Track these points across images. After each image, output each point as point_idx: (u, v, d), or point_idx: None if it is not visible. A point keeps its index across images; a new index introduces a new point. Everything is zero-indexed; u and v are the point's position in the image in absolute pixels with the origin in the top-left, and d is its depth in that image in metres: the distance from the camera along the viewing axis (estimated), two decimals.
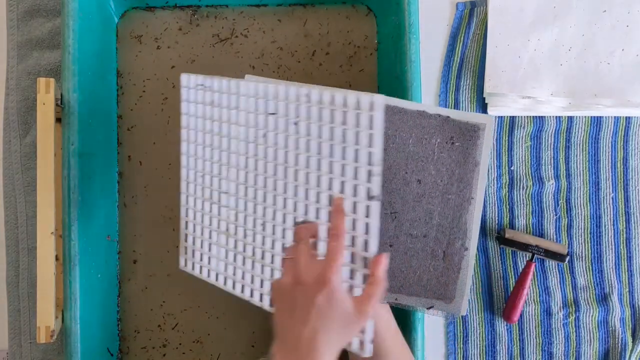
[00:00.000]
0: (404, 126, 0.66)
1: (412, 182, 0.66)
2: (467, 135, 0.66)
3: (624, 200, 0.82)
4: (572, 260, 0.81)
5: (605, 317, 0.81)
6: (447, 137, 0.66)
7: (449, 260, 0.67)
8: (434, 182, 0.66)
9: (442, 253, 0.67)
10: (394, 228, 0.67)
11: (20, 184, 0.80)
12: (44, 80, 0.67)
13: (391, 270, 0.67)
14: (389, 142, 0.66)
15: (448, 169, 0.66)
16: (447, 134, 0.66)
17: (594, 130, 0.83)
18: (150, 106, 0.82)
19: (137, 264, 0.81)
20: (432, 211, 0.67)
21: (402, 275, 0.68)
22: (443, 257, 0.67)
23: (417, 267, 0.68)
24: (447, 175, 0.66)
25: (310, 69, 0.82)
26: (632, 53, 0.81)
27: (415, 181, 0.66)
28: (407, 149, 0.66)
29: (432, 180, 0.66)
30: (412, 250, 0.67)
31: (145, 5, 0.82)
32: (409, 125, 0.66)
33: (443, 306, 0.68)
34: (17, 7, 0.83)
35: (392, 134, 0.66)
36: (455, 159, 0.66)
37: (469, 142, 0.66)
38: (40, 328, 0.66)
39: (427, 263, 0.67)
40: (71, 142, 0.71)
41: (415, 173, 0.66)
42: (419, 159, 0.66)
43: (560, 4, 0.82)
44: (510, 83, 0.81)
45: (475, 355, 0.81)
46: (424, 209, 0.67)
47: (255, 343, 0.80)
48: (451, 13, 0.85)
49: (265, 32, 0.83)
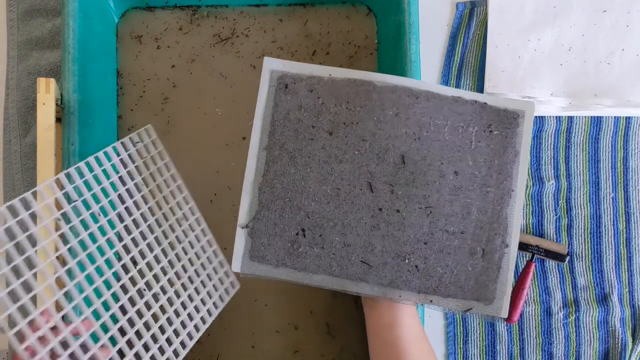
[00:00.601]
0: (439, 114, 0.61)
1: (448, 173, 0.61)
2: (506, 122, 0.61)
3: (624, 200, 0.82)
4: (572, 260, 0.81)
5: (605, 317, 0.81)
6: (484, 125, 0.61)
7: (488, 259, 0.62)
8: (471, 174, 0.61)
9: (481, 251, 0.62)
10: (428, 224, 0.61)
11: (20, 184, 0.80)
12: (44, 80, 0.67)
13: (426, 270, 0.62)
14: (422, 130, 0.61)
15: (486, 160, 0.61)
16: (484, 122, 0.61)
17: (594, 130, 0.83)
18: (150, 106, 0.82)
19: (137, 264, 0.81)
20: (470, 205, 0.61)
21: (438, 275, 0.62)
22: (482, 255, 0.62)
23: (454, 267, 0.62)
24: (486, 167, 0.61)
25: None
26: (632, 53, 0.81)
27: (452, 173, 0.61)
28: (443, 138, 0.61)
29: (470, 172, 0.61)
30: (449, 247, 0.62)
31: (145, 5, 0.83)
32: (444, 113, 0.61)
33: (482, 308, 0.62)
34: (17, 7, 0.83)
35: (427, 121, 0.61)
36: (494, 148, 0.61)
37: (508, 131, 0.61)
38: None
39: (464, 262, 0.62)
40: (71, 142, 0.71)
41: (451, 164, 0.61)
42: (455, 149, 0.61)
43: (560, 4, 0.82)
44: (510, 83, 0.81)
45: (475, 355, 0.81)
46: (461, 203, 0.61)
47: (255, 344, 0.80)
48: (451, 13, 0.85)
49: (266, 32, 0.83)
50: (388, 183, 0.61)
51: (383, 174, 0.61)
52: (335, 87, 0.61)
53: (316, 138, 0.61)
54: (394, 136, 0.61)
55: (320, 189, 0.61)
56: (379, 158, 0.61)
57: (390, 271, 0.61)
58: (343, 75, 0.61)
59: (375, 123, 0.60)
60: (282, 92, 0.61)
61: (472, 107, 0.61)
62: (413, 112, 0.61)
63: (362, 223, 0.61)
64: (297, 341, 0.80)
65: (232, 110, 0.82)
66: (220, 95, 0.82)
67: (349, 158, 0.61)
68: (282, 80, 0.61)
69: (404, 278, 0.61)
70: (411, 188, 0.61)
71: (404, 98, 0.60)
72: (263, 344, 0.80)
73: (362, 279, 0.61)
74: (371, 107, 0.60)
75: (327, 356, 0.80)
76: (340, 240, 0.61)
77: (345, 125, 0.61)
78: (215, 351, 0.81)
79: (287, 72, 0.61)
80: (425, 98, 0.61)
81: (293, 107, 0.61)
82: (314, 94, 0.61)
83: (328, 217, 0.61)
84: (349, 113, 0.60)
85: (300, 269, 0.61)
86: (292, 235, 0.61)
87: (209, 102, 0.82)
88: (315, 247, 0.61)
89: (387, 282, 0.61)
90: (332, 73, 0.61)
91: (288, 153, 0.61)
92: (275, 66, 0.61)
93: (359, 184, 0.61)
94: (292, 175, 0.61)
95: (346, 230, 0.61)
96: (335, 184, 0.61)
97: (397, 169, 0.61)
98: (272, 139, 0.61)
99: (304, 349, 0.80)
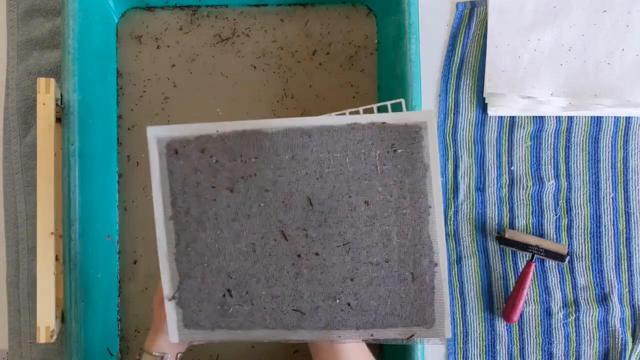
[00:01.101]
0: (337, 146, 0.59)
1: (359, 205, 0.59)
2: (409, 138, 0.59)
3: (624, 200, 0.82)
4: (572, 260, 0.81)
5: (605, 317, 0.81)
6: (387, 146, 0.59)
7: (419, 282, 0.60)
8: (383, 200, 0.59)
9: (410, 275, 0.60)
10: (350, 260, 0.60)
11: (20, 184, 0.80)
12: (44, 80, 0.67)
13: (359, 306, 0.60)
14: (323, 167, 0.59)
15: (396, 181, 0.59)
16: (387, 143, 0.59)
17: (594, 130, 0.83)
18: (150, 106, 0.82)
19: (137, 264, 0.81)
20: (388, 232, 0.60)
21: (372, 309, 0.61)
22: (412, 279, 0.60)
23: (387, 296, 0.61)
24: (397, 189, 0.59)
25: (310, 69, 0.83)
26: (632, 53, 0.81)
27: (363, 203, 0.59)
28: (346, 170, 0.59)
29: (381, 198, 0.59)
30: (377, 279, 0.60)
31: (145, 5, 0.83)
32: (342, 144, 0.59)
33: (424, 332, 0.61)
34: (17, 7, 0.83)
35: (325, 157, 0.59)
36: (402, 167, 0.59)
37: (413, 146, 0.59)
38: (40, 328, 0.66)
39: (396, 289, 0.61)
40: (71, 142, 0.71)
41: (360, 195, 0.59)
42: (361, 178, 0.59)
43: (560, 4, 0.82)
44: (510, 83, 0.81)
45: (475, 355, 0.81)
46: (379, 232, 0.60)
47: (255, 344, 0.80)
48: (451, 13, 0.85)
49: (267, 31, 0.83)
50: (301, 228, 0.59)
51: (294, 220, 0.59)
52: (226, 143, 0.59)
53: (218, 198, 0.60)
54: (295, 180, 0.59)
55: (235, 248, 0.60)
56: (285, 205, 0.59)
57: (323, 314, 0.60)
58: (231, 128, 0.59)
59: (274, 171, 0.59)
60: (173, 159, 0.59)
61: (370, 131, 0.59)
62: (310, 150, 0.59)
63: (284, 272, 0.60)
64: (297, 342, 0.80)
65: (232, 110, 0.82)
66: (221, 94, 0.82)
67: (255, 211, 0.59)
68: (170, 146, 0.59)
69: (339, 318, 0.60)
70: (324, 228, 0.59)
71: (296, 139, 0.59)
72: (263, 344, 0.80)
73: (298, 327, 0.60)
74: (265, 155, 0.59)
75: None
76: (267, 294, 0.60)
77: (244, 179, 0.59)
78: (214, 351, 0.81)
79: (174, 137, 0.59)
80: (318, 133, 0.58)
81: (188, 171, 0.60)
82: (206, 153, 0.59)
83: (250, 273, 0.60)
84: (245, 166, 0.59)
85: (235, 327, 0.61)
86: (219, 297, 0.60)
87: (210, 102, 0.82)
88: (244, 305, 0.60)
89: (324, 325, 0.61)
90: (220, 128, 0.59)
91: (194, 219, 0.60)
92: (161, 133, 0.59)
93: (272, 234, 0.60)
94: (203, 239, 0.60)
95: (270, 283, 0.60)
96: (249, 239, 0.60)
97: (307, 212, 0.59)
98: (175, 208, 0.60)
99: (304, 349, 0.80)
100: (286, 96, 0.82)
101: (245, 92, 0.82)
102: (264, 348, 0.80)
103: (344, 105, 0.82)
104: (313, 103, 0.82)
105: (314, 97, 0.82)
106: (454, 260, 0.82)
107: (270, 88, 0.82)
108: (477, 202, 0.82)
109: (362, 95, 0.82)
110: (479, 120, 0.83)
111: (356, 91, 0.83)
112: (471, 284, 0.81)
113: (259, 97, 0.82)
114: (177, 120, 0.82)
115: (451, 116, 0.83)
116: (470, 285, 0.81)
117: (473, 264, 0.82)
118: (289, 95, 0.82)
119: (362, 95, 0.82)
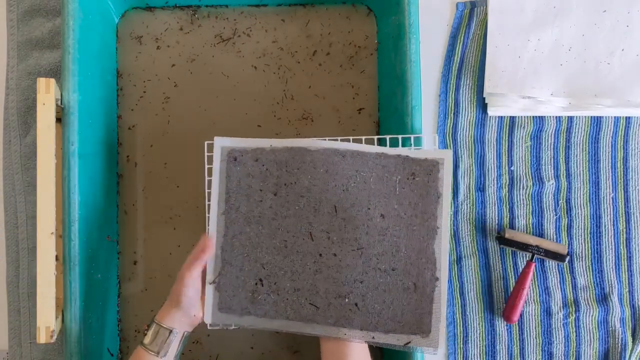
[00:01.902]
0: (364, 167, 0.69)
1: (375, 216, 0.68)
2: (427, 169, 0.69)
3: (624, 200, 0.82)
4: (572, 260, 0.81)
5: (605, 317, 0.81)
6: (408, 174, 0.69)
7: (420, 292, 0.68)
8: (397, 215, 0.68)
9: (412, 285, 0.68)
10: (362, 264, 0.68)
11: (20, 184, 0.80)
12: (44, 80, 0.67)
13: (365, 307, 0.68)
14: (349, 181, 0.68)
15: (411, 202, 0.68)
16: (407, 171, 0.69)
17: (594, 130, 0.83)
18: (150, 106, 0.82)
19: (137, 265, 0.81)
20: (398, 244, 0.68)
21: (376, 312, 0.68)
22: (414, 289, 0.68)
23: (390, 303, 0.68)
24: (411, 208, 0.68)
25: (310, 69, 0.83)
26: (632, 53, 0.81)
27: (379, 216, 0.68)
28: (369, 187, 0.68)
29: (396, 214, 0.68)
30: (383, 284, 0.68)
31: (145, 5, 0.82)
32: (369, 166, 0.69)
33: (420, 341, 0.67)
34: (17, 7, 0.83)
35: (353, 174, 0.68)
36: (418, 192, 0.68)
37: (430, 176, 0.69)
38: (40, 328, 0.66)
39: (399, 297, 0.68)
40: (71, 143, 0.71)
41: (377, 208, 0.68)
42: (381, 195, 0.68)
43: (560, 4, 0.82)
44: (510, 83, 0.81)
45: (475, 355, 0.81)
46: (389, 242, 0.68)
47: (255, 345, 0.80)
48: (451, 13, 0.85)
49: (267, 31, 0.83)
50: (325, 231, 0.68)
51: (320, 223, 0.69)
52: (276, 155, 0.69)
53: (264, 199, 0.69)
54: (325, 190, 0.68)
55: (271, 243, 0.69)
56: (315, 210, 0.69)
57: (334, 311, 0.68)
58: (282, 144, 0.69)
59: (310, 180, 0.69)
60: (232, 164, 0.70)
61: (395, 160, 0.69)
62: (341, 167, 0.68)
63: (307, 269, 0.68)
64: (297, 341, 0.80)
65: (233, 110, 0.82)
66: (222, 94, 0.82)
67: (291, 213, 0.69)
68: (231, 154, 0.70)
69: (347, 316, 0.68)
70: (343, 233, 0.68)
71: (332, 157, 0.68)
72: (263, 344, 0.80)
73: (312, 320, 0.68)
74: (305, 168, 0.69)
75: None
76: (291, 286, 0.68)
77: (286, 186, 0.69)
78: (214, 352, 0.81)
79: (235, 147, 0.70)
80: (351, 155, 0.69)
81: (243, 175, 0.70)
82: (259, 162, 0.69)
83: (279, 266, 0.69)
84: (289, 175, 0.69)
85: (261, 315, 0.69)
86: (252, 285, 0.69)
87: (210, 102, 0.82)
88: (271, 294, 0.68)
89: (333, 321, 0.68)
90: (273, 144, 0.69)
91: (242, 215, 0.69)
92: (225, 143, 0.70)
93: (302, 234, 0.69)
94: (247, 233, 0.69)
95: (294, 277, 0.68)
96: (283, 236, 0.69)
97: (331, 217, 0.68)
98: (228, 204, 0.69)
99: (304, 349, 0.80)
100: (286, 97, 0.82)
101: (246, 91, 0.82)
102: (264, 348, 0.80)
103: (344, 105, 0.82)
104: (313, 103, 0.82)
105: (314, 97, 0.82)
106: (454, 260, 0.82)
107: (270, 88, 0.82)
108: (477, 202, 0.82)
109: (362, 96, 0.82)
110: (479, 120, 0.83)
111: (356, 92, 0.83)
112: (471, 284, 0.81)
113: (259, 98, 0.82)
114: (177, 120, 0.82)
115: (451, 116, 0.83)
116: (470, 285, 0.81)
117: (473, 264, 0.82)
118: (289, 97, 0.82)
119: (362, 96, 0.82)
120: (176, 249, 0.81)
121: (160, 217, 0.81)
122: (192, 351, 0.80)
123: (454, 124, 0.83)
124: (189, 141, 0.81)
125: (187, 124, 0.82)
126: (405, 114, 0.73)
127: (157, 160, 0.82)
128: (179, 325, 0.67)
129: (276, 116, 0.82)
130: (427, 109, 0.83)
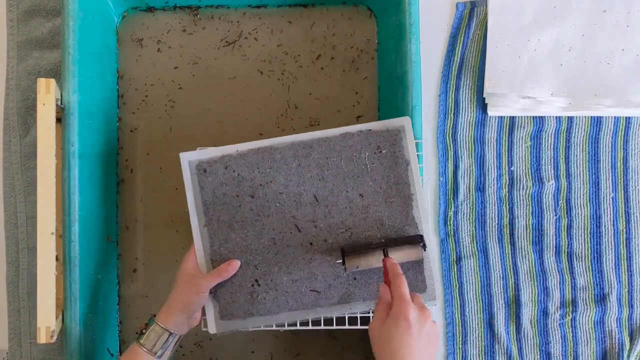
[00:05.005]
0: (333, 152, 0.71)
1: (354, 198, 0.71)
2: (391, 140, 0.71)
3: (624, 200, 0.82)
4: (572, 260, 0.81)
5: (602, 318, 0.81)
6: (374, 148, 0.71)
7: None
8: (374, 192, 0.71)
9: None
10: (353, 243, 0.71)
11: (20, 184, 0.80)
12: (44, 81, 0.67)
13: (363, 278, 0.70)
14: (323, 170, 0.71)
15: (383, 176, 0.71)
16: (373, 145, 0.71)
17: (594, 130, 0.83)
18: (152, 108, 0.82)
19: (138, 266, 0.81)
20: (381, 218, 0.71)
21: (374, 280, 0.71)
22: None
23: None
24: (384, 182, 0.71)
25: (312, 71, 0.82)
26: (632, 53, 0.81)
27: (358, 196, 0.71)
28: (342, 171, 0.71)
29: (372, 190, 0.71)
30: None
31: (145, 5, 0.82)
32: (337, 150, 0.71)
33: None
34: (17, 7, 0.83)
35: (324, 162, 0.71)
36: (387, 164, 0.71)
37: (395, 146, 0.71)
38: (40, 328, 0.66)
39: None
40: (71, 143, 0.71)
41: (355, 189, 0.71)
42: (355, 176, 0.71)
43: (560, 4, 0.82)
44: (510, 83, 0.81)
45: (474, 355, 0.81)
46: (373, 218, 0.71)
47: (255, 350, 0.80)
48: (451, 13, 0.85)
49: (273, 33, 0.83)
50: (310, 220, 0.71)
51: (304, 215, 0.71)
52: (245, 159, 0.71)
53: (243, 204, 0.71)
54: (302, 182, 0.71)
55: (259, 243, 0.71)
56: (296, 203, 0.71)
57: (335, 290, 0.70)
58: (247, 147, 0.71)
59: (285, 177, 0.71)
60: (203, 176, 0.71)
61: (359, 137, 0.71)
62: (312, 158, 0.71)
63: (300, 259, 0.70)
64: (298, 344, 0.80)
65: (236, 111, 0.82)
66: (222, 95, 0.82)
67: (273, 211, 0.71)
68: (200, 166, 0.71)
69: (349, 292, 0.70)
70: (329, 219, 0.71)
71: (300, 150, 0.71)
72: (264, 348, 0.80)
73: (316, 305, 0.70)
74: (278, 166, 0.71)
75: (329, 357, 0.80)
76: (288, 279, 0.70)
77: (262, 186, 0.71)
78: (214, 355, 0.81)
79: (202, 159, 0.71)
80: (317, 144, 0.71)
81: (216, 185, 0.71)
82: (229, 169, 0.71)
83: (272, 263, 0.70)
84: (262, 176, 0.71)
85: (264, 313, 0.70)
86: (249, 287, 0.70)
87: (212, 103, 0.82)
88: (270, 292, 0.70)
89: (337, 300, 0.70)
90: (239, 149, 0.71)
91: (225, 223, 0.71)
92: (191, 157, 0.71)
93: (288, 228, 0.71)
94: (233, 240, 0.71)
95: (290, 269, 0.70)
96: (270, 235, 0.70)
97: (314, 207, 0.71)
98: (208, 216, 0.71)
99: (306, 352, 0.80)
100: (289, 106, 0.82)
101: (250, 93, 0.82)
102: (265, 350, 0.80)
103: (348, 109, 0.82)
104: (316, 107, 0.82)
105: (316, 101, 0.82)
106: (454, 260, 0.82)
107: (274, 93, 0.82)
108: (477, 202, 0.82)
109: (365, 99, 0.82)
110: (479, 120, 0.83)
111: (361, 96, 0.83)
112: (470, 284, 0.81)
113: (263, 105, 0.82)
114: (180, 123, 0.82)
115: (451, 116, 0.83)
116: (469, 285, 0.81)
117: (473, 264, 0.82)
118: (292, 101, 0.82)
119: (365, 100, 0.82)
120: (177, 252, 0.81)
121: (160, 219, 0.81)
122: (192, 353, 0.80)
123: (454, 124, 0.83)
124: (190, 144, 0.81)
125: (189, 127, 0.82)
126: (405, 113, 0.73)
127: (159, 162, 0.82)
128: (180, 328, 0.68)
129: (280, 127, 0.82)
130: (427, 109, 0.83)
